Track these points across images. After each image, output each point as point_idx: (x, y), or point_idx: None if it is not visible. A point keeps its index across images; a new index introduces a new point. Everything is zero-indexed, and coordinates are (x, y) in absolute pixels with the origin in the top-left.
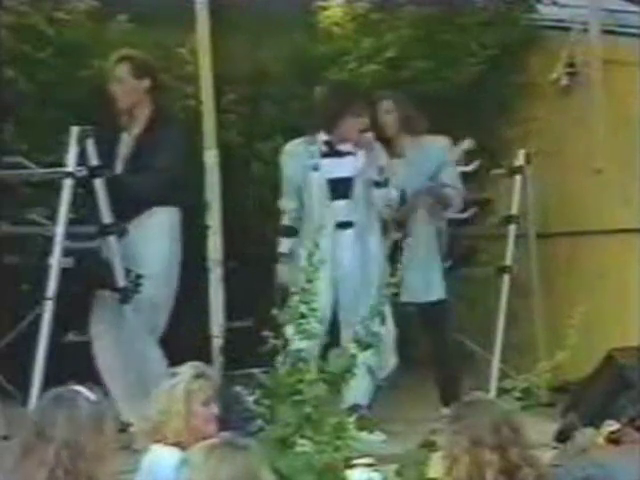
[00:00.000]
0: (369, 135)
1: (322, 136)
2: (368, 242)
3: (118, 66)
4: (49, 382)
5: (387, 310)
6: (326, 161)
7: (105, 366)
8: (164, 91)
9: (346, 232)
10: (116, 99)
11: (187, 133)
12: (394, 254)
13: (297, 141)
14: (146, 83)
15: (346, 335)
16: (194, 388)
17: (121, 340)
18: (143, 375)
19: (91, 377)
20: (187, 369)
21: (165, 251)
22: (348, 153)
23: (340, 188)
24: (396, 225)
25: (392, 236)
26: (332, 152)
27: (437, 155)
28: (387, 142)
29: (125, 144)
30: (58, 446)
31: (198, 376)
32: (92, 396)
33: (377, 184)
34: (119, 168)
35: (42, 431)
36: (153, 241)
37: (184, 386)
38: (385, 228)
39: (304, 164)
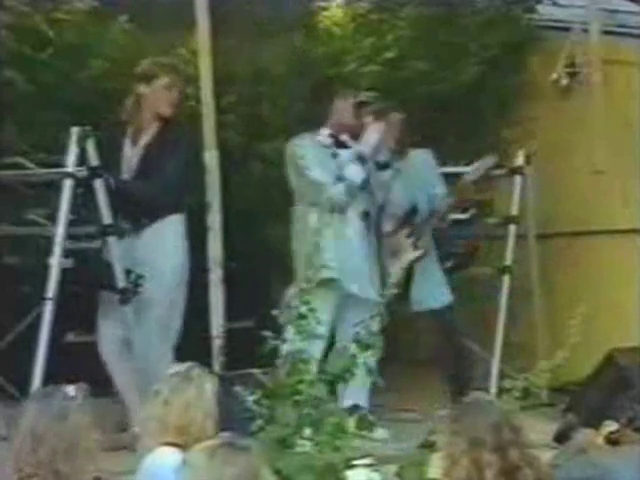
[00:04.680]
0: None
1: (325, 130)
2: (371, 239)
3: (163, 77)
4: (49, 382)
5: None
6: (339, 151)
7: (116, 369)
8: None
9: (363, 224)
10: (158, 110)
11: (194, 138)
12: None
13: (302, 135)
14: (175, 94)
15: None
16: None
17: (130, 342)
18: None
19: (91, 377)
20: (200, 370)
21: (179, 257)
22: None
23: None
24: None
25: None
26: (338, 144)
27: (426, 167)
28: None
29: (133, 152)
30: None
31: (212, 375)
32: (72, 392)
33: (379, 166)
34: (126, 176)
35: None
36: (167, 247)
37: (210, 387)
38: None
39: (320, 150)
